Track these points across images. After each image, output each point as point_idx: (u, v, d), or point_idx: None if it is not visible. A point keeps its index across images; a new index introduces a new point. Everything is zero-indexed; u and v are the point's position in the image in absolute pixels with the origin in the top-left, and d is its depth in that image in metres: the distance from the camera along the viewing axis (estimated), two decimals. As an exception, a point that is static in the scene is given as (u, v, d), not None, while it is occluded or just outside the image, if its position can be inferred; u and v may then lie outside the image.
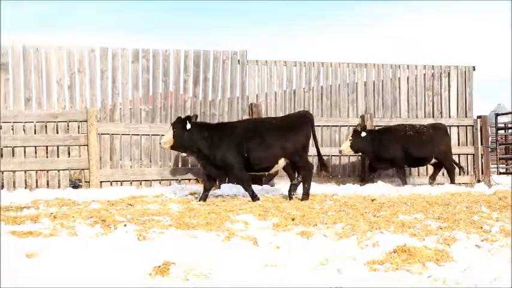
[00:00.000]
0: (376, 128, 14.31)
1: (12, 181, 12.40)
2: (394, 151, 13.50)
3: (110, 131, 12.95)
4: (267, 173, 11.79)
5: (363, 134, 13.32)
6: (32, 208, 9.32)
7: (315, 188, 11.73)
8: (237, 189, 11.34)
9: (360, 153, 14.01)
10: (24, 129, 12.56)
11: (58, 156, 12.66)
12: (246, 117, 13.80)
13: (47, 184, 12.54)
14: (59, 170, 12.64)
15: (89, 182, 12.68)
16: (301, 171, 10.62)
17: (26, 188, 12.21)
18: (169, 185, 13.02)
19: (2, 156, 12.30)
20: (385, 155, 13.48)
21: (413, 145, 13.56)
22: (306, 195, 10.41)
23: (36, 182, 12.52)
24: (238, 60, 14.16)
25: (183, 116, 10.78)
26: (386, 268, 5.55)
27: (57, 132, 12.70)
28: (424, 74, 15.41)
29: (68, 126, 12.72)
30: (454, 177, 14.14)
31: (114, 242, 6.67)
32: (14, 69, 12.72)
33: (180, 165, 13.61)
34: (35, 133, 12.57)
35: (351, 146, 13.32)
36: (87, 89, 13.28)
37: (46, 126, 12.59)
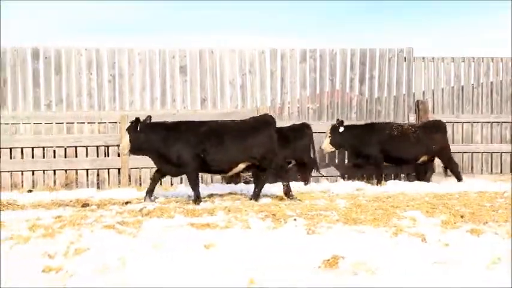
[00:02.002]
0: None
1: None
2: (372, 149, 12.70)
3: (279, 128, 13.12)
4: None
5: (341, 129, 12.63)
6: (208, 202, 9.68)
7: (485, 185, 11.30)
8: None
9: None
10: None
11: (230, 153, 13.03)
12: (412, 115, 13.60)
13: (222, 179, 12.98)
14: (231, 167, 13.01)
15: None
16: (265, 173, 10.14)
17: (202, 183, 12.68)
18: (336, 181, 13.05)
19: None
20: (363, 152, 12.78)
21: (394, 145, 12.69)
22: (289, 195, 10.00)
23: (212, 178, 13.00)
24: (405, 58, 13.90)
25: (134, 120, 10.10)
26: None
27: (230, 130, 13.07)
28: None
29: (239, 124, 13.06)
30: (459, 174, 12.95)
31: (285, 235, 6.79)
32: (191, 71, 13.30)
33: (346, 162, 13.61)
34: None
35: (331, 143, 12.69)
36: (258, 88, 13.59)
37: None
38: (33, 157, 12.43)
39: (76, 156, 12.61)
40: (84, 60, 12.97)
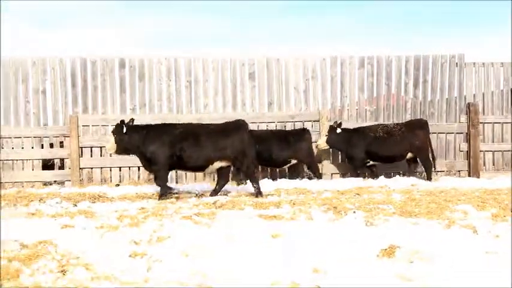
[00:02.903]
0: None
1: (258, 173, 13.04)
2: (358, 150, 12.39)
3: (339, 129, 13.05)
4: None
5: (338, 130, 12.38)
6: (275, 195, 9.70)
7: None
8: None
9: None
10: (267, 128, 13.13)
11: (295, 151, 13.02)
12: (463, 116, 13.32)
13: (287, 175, 13.01)
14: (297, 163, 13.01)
15: (321, 173, 12.93)
16: (243, 174, 10.20)
17: (269, 178, 12.73)
18: (392, 177, 12.89)
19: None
20: (350, 153, 12.51)
21: (380, 145, 12.32)
22: (259, 193, 9.71)
23: (278, 173, 13.04)
24: (456, 63, 13.64)
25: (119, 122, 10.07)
26: None
27: (294, 131, 13.07)
28: None
29: (303, 125, 13.05)
30: (431, 174, 12.40)
31: (345, 227, 6.75)
32: (259, 78, 13.37)
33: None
34: (274, 131, 13.12)
35: (327, 141, 12.46)
36: (319, 92, 13.55)
37: (285, 126, 13.05)
38: (120, 155, 12.69)
39: (157, 154, 12.79)
40: (164, 69, 13.20)
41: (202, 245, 5.64)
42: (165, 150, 9.68)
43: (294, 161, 12.57)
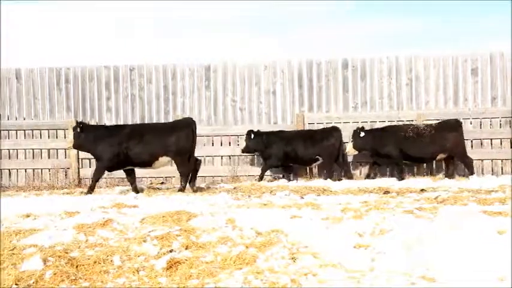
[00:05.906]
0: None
1: (480, 168, 12.42)
2: (391, 150, 11.87)
3: None
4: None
5: (362, 134, 11.94)
6: (499, 192, 9.14)
7: None
8: None
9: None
10: (490, 125, 12.47)
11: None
12: None
13: (511, 171, 12.26)
14: (516, 160, 12.22)
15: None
16: (179, 169, 10.39)
17: (492, 174, 12.09)
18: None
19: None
20: (383, 152, 12.00)
21: (411, 145, 11.83)
22: (181, 190, 10.23)
23: (502, 169, 12.32)
24: None
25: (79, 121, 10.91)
26: None
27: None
28: None
29: (529, 120, 12.19)
30: (473, 169, 11.85)
31: None
32: (482, 73, 12.76)
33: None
34: (500, 127, 12.40)
35: (354, 146, 12.06)
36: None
37: (510, 122, 12.26)
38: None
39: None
40: (385, 67, 13.13)
41: (424, 238, 5.50)
42: (113, 149, 10.27)
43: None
